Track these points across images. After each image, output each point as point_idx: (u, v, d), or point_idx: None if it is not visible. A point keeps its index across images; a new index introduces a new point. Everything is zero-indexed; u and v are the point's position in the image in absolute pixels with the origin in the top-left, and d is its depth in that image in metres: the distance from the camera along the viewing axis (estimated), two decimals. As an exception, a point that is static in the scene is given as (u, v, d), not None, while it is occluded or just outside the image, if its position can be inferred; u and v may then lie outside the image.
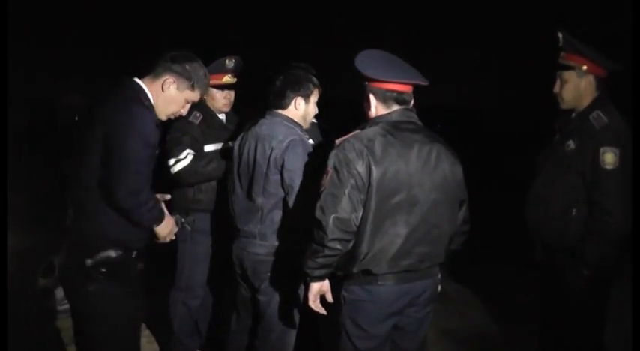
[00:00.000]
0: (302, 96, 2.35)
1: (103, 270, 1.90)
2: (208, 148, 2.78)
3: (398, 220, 1.91)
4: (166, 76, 2.01)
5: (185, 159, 2.68)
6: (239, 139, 2.46)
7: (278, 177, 2.27)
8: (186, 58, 2.05)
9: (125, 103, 1.89)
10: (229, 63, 2.82)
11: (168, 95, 2.01)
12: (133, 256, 1.98)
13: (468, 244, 2.16)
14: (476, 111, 7.76)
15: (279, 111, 2.37)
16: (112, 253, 1.91)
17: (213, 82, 2.72)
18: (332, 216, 1.86)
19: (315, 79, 2.40)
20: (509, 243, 4.08)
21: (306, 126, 2.41)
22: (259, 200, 2.31)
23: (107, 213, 1.89)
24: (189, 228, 2.78)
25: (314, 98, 2.40)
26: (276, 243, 2.31)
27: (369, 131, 1.96)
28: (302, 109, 2.38)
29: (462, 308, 3.64)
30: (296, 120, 2.37)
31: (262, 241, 2.32)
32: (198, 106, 2.81)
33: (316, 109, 2.45)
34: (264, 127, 2.36)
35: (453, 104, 7.89)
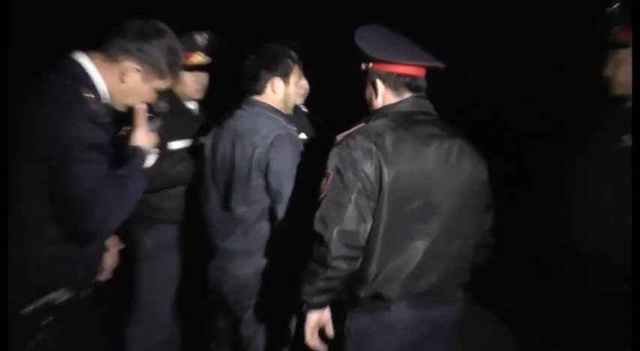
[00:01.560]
0: (279, 76, 2.33)
1: (49, 318, 1.74)
2: (175, 144, 2.74)
3: (415, 231, 1.88)
4: (126, 62, 1.84)
5: (147, 160, 2.57)
6: (212, 134, 2.42)
7: (263, 181, 2.23)
8: (152, 32, 1.86)
9: (53, 102, 1.70)
10: (200, 39, 2.77)
11: (129, 87, 1.87)
12: (83, 295, 1.85)
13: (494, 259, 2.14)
14: (493, 102, 7.76)
15: (256, 97, 2.34)
16: (61, 296, 1.76)
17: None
18: (336, 228, 1.82)
19: (293, 54, 2.37)
20: (523, 250, 4.09)
21: (287, 111, 2.39)
22: (240, 210, 2.27)
23: (58, 242, 1.73)
24: (150, 244, 2.71)
25: (295, 78, 2.38)
26: (263, 262, 2.29)
27: (377, 124, 1.93)
28: (281, 92, 2.35)
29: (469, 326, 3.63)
30: (276, 106, 2.35)
31: (246, 260, 2.29)
32: (163, 92, 2.79)
33: (301, 90, 2.41)
34: (243, 120, 2.33)
35: (467, 93, 7.88)
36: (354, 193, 1.83)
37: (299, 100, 2.75)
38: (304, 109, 2.88)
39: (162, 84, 1.92)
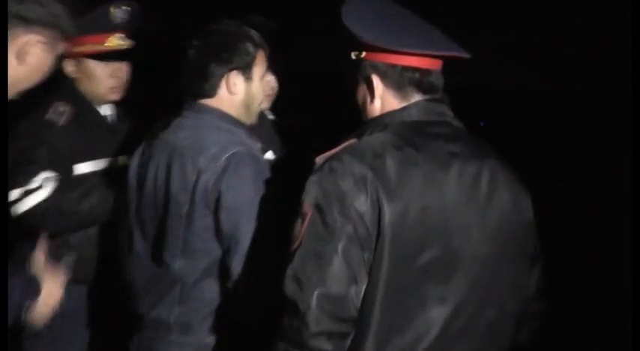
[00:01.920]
0: (237, 69, 2.35)
1: None
2: (82, 167, 2.79)
3: (429, 295, 1.88)
4: (26, 36, 1.85)
5: (40, 189, 2.66)
6: (137, 153, 2.45)
7: (211, 221, 2.25)
8: None
9: None
10: (117, 13, 2.81)
11: (31, 68, 1.88)
12: None
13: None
14: (553, 99, 7.89)
15: (204, 101, 2.36)
16: None
17: (89, 47, 2.76)
18: (315, 292, 1.82)
19: (256, 36, 2.38)
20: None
21: (249, 119, 2.42)
22: (177, 264, 2.29)
23: None
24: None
25: (259, 70, 2.40)
26: (210, 340, 2.31)
27: (374, 140, 1.95)
28: (242, 93, 2.38)
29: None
30: (234, 114, 2.37)
31: (184, 337, 2.31)
32: (64, 91, 2.83)
33: (268, 88, 2.48)
34: (183, 132, 2.34)
35: (510, 89, 8.04)
36: (342, 241, 1.82)
37: (265, 104, 2.76)
38: (271, 117, 2.89)
39: (65, 46, 1.95)
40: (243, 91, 2.37)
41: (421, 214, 1.86)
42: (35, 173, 2.64)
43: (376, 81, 1.99)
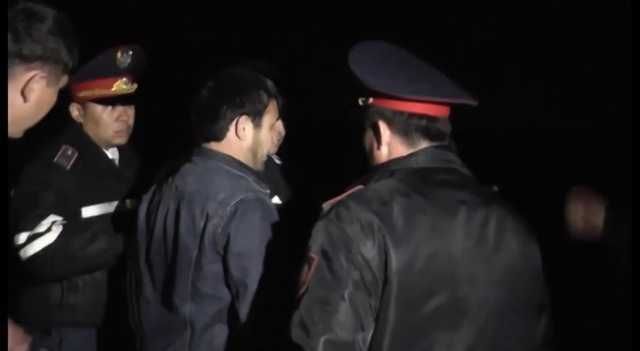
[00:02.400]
0: (248, 114, 2.35)
1: None
2: (89, 211, 2.79)
3: (436, 341, 1.87)
4: (28, 73, 1.84)
5: (48, 233, 2.65)
6: (147, 197, 2.45)
7: (219, 266, 2.25)
8: (33, 16, 1.84)
9: None
10: (123, 58, 2.85)
11: (35, 104, 1.87)
12: None
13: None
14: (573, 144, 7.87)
15: (213, 145, 2.36)
16: None
17: (95, 92, 2.80)
18: (322, 338, 1.81)
19: (270, 84, 2.40)
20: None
21: (257, 166, 2.42)
22: (186, 309, 2.28)
23: None
24: None
25: (270, 118, 2.40)
26: None
27: (380, 187, 1.94)
28: (249, 139, 2.38)
29: None
30: (242, 159, 2.37)
31: None
32: (70, 135, 2.83)
33: (276, 134, 2.49)
34: (191, 177, 2.34)
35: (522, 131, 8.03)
36: (349, 287, 1.81)
37: (272, 150, 2.77)
38: (278, 162, 2.90)
39: (67, 79, 1.94)
40: (251, 138, 2.37)
41: (428, 262, 1.86)
42: (43, 217, 2.64)
43: (383, 127, 1.99)
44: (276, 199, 2.62)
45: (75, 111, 2.86)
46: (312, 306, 1.82)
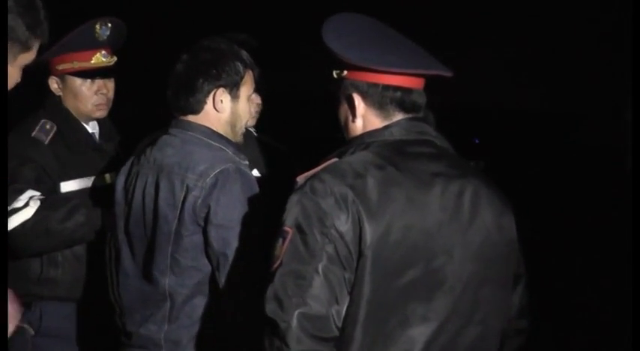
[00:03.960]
0: (225, 87, 2.35)
1: None
2: (67, 185, 2.79)
3: (411, 314, 1.88)
4: None
5: (25, 208, 2.65)
6: (124, 170, 2.46)
7: (199, 238, 2.25)
8: None
9: None
10: (102, 30, 2.83)
11: None
12: None
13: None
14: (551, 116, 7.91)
15: (191, 118, 2.36)
16: None
17: (74, 65, 2.78)
18: (296, 311, 1.82)
19: (245, 55, 2.39)
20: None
21: (236, 137, 2.42)
22: (166, 281, 2.29)
23: None
24: (31, 331, 2.70)
25: (247, 89, 2.40)
26: None
27: (355, 159, 1.95)
28: (227, 111, 2.38)
29: None
30: (220, 131, 2.37)
31: None
32: (49, 109, 2.84)
33: (254, 105, 2.46)
34: (170, 150, 2.34)
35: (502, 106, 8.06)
36: (323, 261, 1.83)
37: (250, 122, 2.77)
38: (255, 134, 2.89)
39: (29, 56, 1.93)
40: (229, 109, 2.37)
41: (403, 234, 1.87)
42: (20, 192, 2.64)
43: (357, 100, 1.99)
44: (255, 172, 2.62)
45: (54, 84, 2.84)
46: (286, 280, 1.83)
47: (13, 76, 1.92)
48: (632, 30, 2.50)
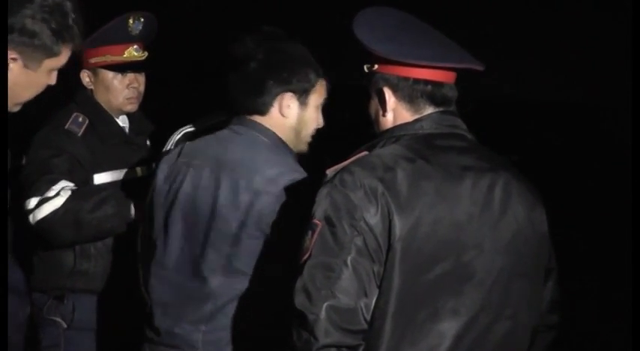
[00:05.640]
0: (294, 92, 2.31)
1: None
2: (101, 178, 2.82)
3: (441, 307, 1.89)
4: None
5: (57, 197, 2.66)
6: (168, 160, 2.35)
7: (258, 244, 2.20)
8: None
9: None
10: (135, 24, 2.85)
11: (13, 82, 1.88)
12: None
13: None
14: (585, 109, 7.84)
15: (256, 118, 2.31)
16: None
17: (107, 58, 2.81)
18: (325, 304, 1.82)
19: (316, 65, 2.36)
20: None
21: (299, 147, 2.38)
22: (215, 282, 2.23)
23: None
24: (63, 324, 2.74)
25: (316, 98, 2.37)
26: None
27: (385, 152, 1.95)
28: (293, 117, 2.33)
29: None
30: (283, 137, 2.33)
31: None
32: (81, 102, 2.88)
33: (320, 118, 2.41)
34: (232, 146, 2.28)
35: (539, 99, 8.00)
36: (352, 253, 1.83)
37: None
38: None
39: (58, 61, 1.94)
40: (296, 116, 2.32)
41: (432, 228, 1.87)
42: (54, 182, 2.66)
43: (388, 94, 1.99)
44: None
45: (86, 78, 2.87)
46: (315, 272, 1.84)
47: (39, 82, 1.94)
48: (632, 30, 2.48)
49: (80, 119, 2.83)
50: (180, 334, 2.26)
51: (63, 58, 1.94)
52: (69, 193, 2.64)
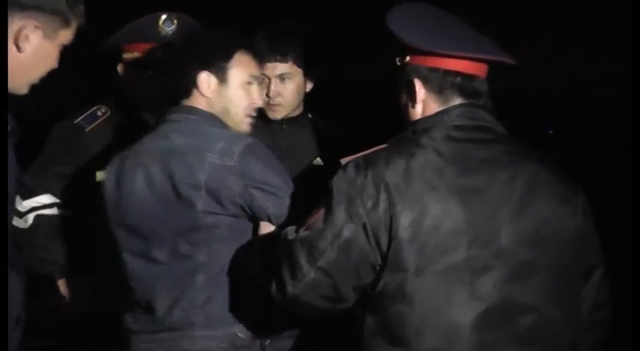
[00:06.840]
0: (210, 71, 2.30)
1: None
2: (102, 175, 2.79)
3: (455, 297, 1.90)
4: (19, 22, 1.83)
5: (25, 216, 2.75)
6: (113, 170, 2.37)
7: (235, 211, 2.24)
8: None
9: None
10: (166, 25, 2.79)
11: (30, 55, 1.87)
12: None
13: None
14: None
15: (186, 101, 2.34)
16: None
17: (135, 55, 2.80)
18: (302, 282, 1.95)
19: (239, 39, 2.36)
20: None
21: (239, 127, 2.36)
22: (201, 254, 2.26)
23: None
24: None
25: (239, 73, 2.33)
26: (236, 329, 2.28)
27: (401, 145, 1.99)
28: (215, 95, 2.32)
29: None
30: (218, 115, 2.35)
31: (209, 332, 2.26)
32: (108, 94, 2.89)
33: (254, 94, 2.38)
34: (174, 135, 2.30)
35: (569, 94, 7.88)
36: (341, 238, 1.89)
37: (274, 114, 2.73)
38: (309, 115, 2.83)
39: (69, 35, 1.93)
40: (217, 94, 2.31)
41: (439, 220, 1.89)
42: (33, 194, 2.72)
43: (418, 85, 1.99)
44: (317, 160, 2.66)
45: (119, 70, 2.86)
46: (302, 248, 1.91)
47: (52, 55, 1.92)
48: (632, 30, 2.45)
49: (99, 112, 2.83)
50: (178, 315, 2.26)
51: (72, 32, 1.93)
52: (30, 222, 2.70)
